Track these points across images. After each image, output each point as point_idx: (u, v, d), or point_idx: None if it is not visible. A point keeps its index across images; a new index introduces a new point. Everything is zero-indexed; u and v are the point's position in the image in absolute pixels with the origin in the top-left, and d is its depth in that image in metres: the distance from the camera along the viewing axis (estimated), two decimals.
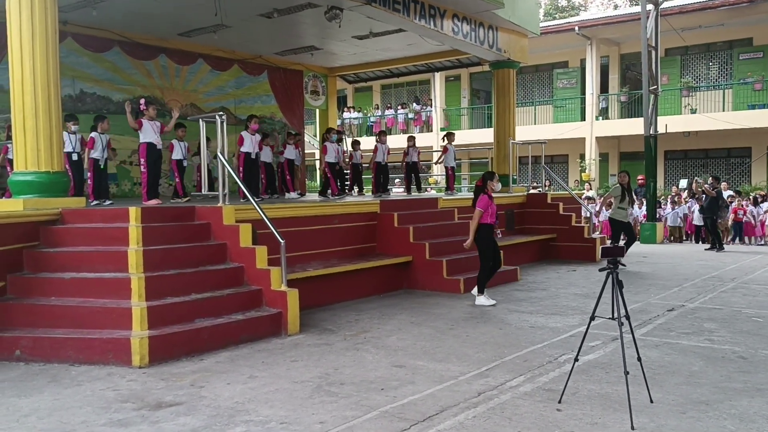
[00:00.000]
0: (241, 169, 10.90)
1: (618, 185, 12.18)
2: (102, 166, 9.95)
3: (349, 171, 14.34)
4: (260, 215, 7.56)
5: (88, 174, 9.92)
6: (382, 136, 14.15)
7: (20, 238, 6.89)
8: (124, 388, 5.27)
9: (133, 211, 7.00)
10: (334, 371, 5.64)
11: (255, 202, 7.81)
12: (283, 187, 12.97)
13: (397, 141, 24.03)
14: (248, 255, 7.36)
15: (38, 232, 7.09)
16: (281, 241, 7.22)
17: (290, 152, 13.05)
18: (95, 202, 9.64)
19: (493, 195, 8.83)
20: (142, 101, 9.67)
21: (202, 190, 9.12)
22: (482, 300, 8.60)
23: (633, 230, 12.10)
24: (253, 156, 11.08)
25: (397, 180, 22.08)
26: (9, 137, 9.01)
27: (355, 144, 14.56)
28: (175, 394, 5.11)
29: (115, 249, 6.80)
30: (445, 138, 14.97)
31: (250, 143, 10.96)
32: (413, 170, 14.61)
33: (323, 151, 12.89)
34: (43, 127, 7.33)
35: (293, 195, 12.82)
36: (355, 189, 14.15)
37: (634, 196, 13.88)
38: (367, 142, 18.65)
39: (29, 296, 6.65)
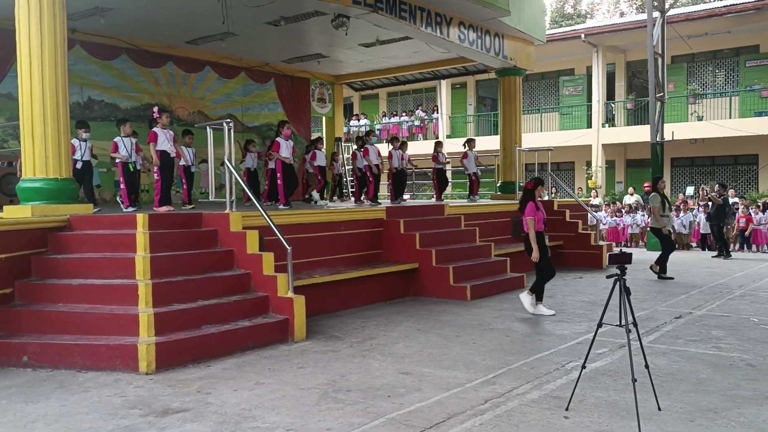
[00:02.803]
0: (279, 175, 10.81)
1: (655, 194, 11.70)
2: (132, 169, 9.85)
3: (354, 177, 14.37)
4: (267, 222, 7.57)
5: (120, 179, 9.82)
6: (395, 142, 13.97)
7: (28, 244, 6.92)
8: (131, 395, 5.28)
9: (141, 218, 7.03)
10: (341, 378, 5.63)
11: (262, 208, 7.83)
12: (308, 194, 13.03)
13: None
14: (255, 261, 7.37)
15: (46, 239, 7.12)
16: (288, 247, 7.23)
17: (321, 158, 13.23)
18: (131, 209, 9.49)
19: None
20: (155, 109, 9.64)
21: (210, 197, 9.13)
22: (542, 309, 8.35)
23: (671, 240, 11.92)
24: (291, 162, 11.03)
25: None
26: None
27: (403, 145, 14.35)
28: (182, 400, 5.11)
29: (122, 255, 6.82)
30: (466, 144, 14.87)
31: (286, 149, 10.87)
32: (442, 176, 14.49)
33: (365, 153, 12.74)
34: (52, 134, 7.37)
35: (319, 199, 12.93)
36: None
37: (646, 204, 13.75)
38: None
39: (37, 302, 6.67)
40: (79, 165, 9.67)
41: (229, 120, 8.25)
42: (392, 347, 6.73)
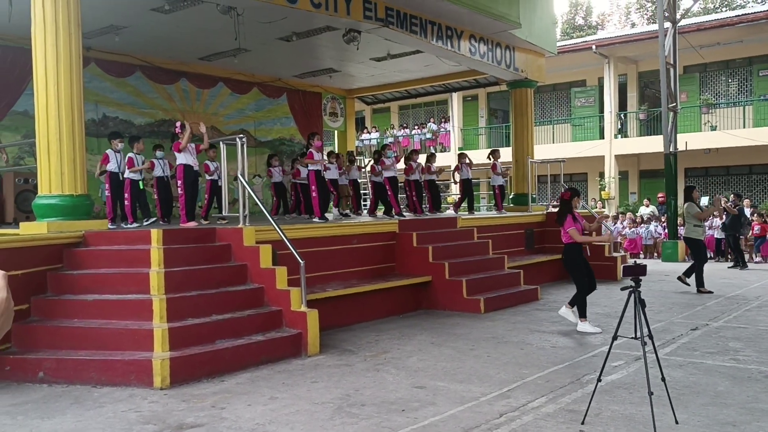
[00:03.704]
0: (313, 187, 10.88)
1: (692, 203, 11.33)
2: (141, 186, 9.97)
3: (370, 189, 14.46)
4: (280, 236, 7.59)
5: (125, 195, 9.92)
6: (413, 154, 13.90)
7: (44, 260, 6.99)
8: (145, 410, 5.29)
9: (155, 233, 7.07)
10: (355, 392, 5.62)
11: (275, 222, 7.86)
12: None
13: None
14: (268, 276, 7.40)
15: (62, 255, 7.18)
16: (301, 261, 7.25)
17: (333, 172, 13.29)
18: (134, 225, 9.63)
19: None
20: (178, 124, 9.71)
21: (223, 212, 9.17)
22: (586, 327, 7.89)
23: (706, 250, 11.66)
24: (323, 173, 11.09)
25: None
26: None
27: (431, 158, 14.37)
28: (196, 415, 5.12)
29: (137, 271, 6.86)
30: (491, 156, 14.65)
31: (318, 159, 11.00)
32: (468, 187, 14.28)
33: (382, 164, 12.80)
34: (67, 150, 7.45)
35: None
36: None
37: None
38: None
39: (52, 318, 6.72)
40: (120, 177, 9.74)
41: (242, 135, 8.32)
42: (406, 361, 6.71)
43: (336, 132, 18.68)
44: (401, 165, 13.86)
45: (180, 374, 6.01)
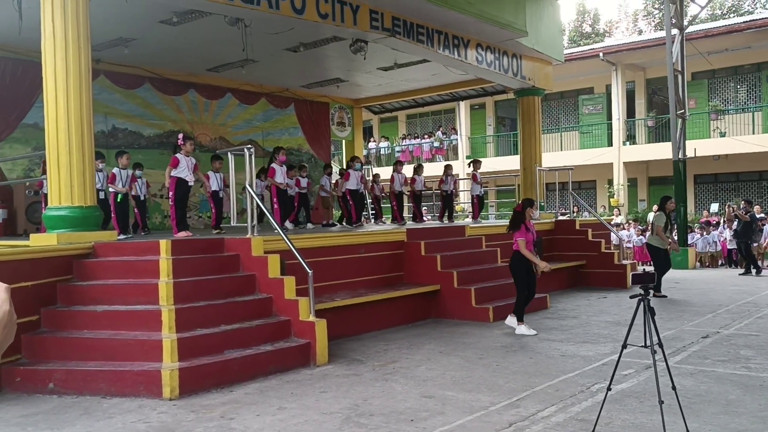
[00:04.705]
0: (275, 200, 10.99)
1: (661, 213, 11.65)
2: (119, 200, 10.04)
3: (372, 200, 14.55)
4: (288, 246, 7.61)
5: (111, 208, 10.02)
6: (398, 165, 14.27)
7: (54, 271, 7.02)
8: (154, 421, 5.30)
9: (164, 244, 7.10)
10: (363, 402, 5.61)
11: (282, 232, 7.87)
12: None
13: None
14: (277, 286, 7.40)
15: (71, 266, 7.21)
16: (309, 271, 7.25)
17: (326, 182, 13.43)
18: (122, 237, 9.74)
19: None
20: (180, 136, 9.72)
21: (232, 222, 9.21)
22: (523, 329, 8.43)
23: (668, 258, 11.81)
24: (283, 187, 11.21)
25: (424, 207, 22.10)
26: (44, 172, 9.23)
27: (419, 169, 14.59)
28: (205, 426, 5.12)
29: (146, 281, 6.89)
30: (471, 165, 14.98)
31: (281, 175, 11.08)
32: (449, 199, 14.61)
33: (345, 177, 12.99)
34: (77, 162, 7.50)
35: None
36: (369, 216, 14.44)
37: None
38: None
39: (62, 329, 6.75)
40: (101, 195, 9.75)
41: (250, 146, 8.35)
42: (415, 370, 6.69)
43: (344, 141, 18.72)
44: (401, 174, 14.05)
45: (189, 385, 6.01)
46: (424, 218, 14.51)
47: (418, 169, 14.32)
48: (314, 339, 7.04)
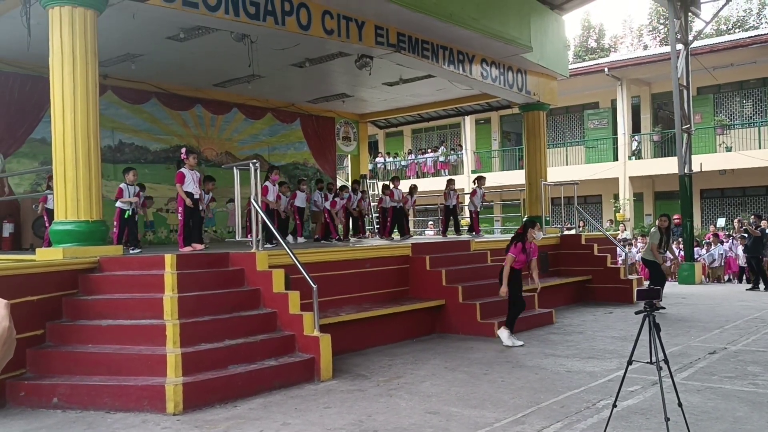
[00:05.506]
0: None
1: (656, 230, 11.85)
2: (126, 216, 9.97)
3: (379, 214, 14.60)
4: (293, 260, 7.61)
5: (114, 223, 9.96)
6: (395, 181, 14.39)
7: (60, 286, 7.03)
8: None
9: (169, 258, 7.11)
10: (368, 418, 5.58)
11: (287, 247, 7.88)
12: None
13: (428, 184, 24.14)
14: (281, 300, 7.40)
15: (77, 280, 7.22)
16: (313, 286, 7.25)
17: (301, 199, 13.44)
18: (134, 251, 9.76)
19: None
20: (183, 150, 9.78)
21: (237, 237, 9.22)
22: (511, 340, 8.65)
23: (662, 272, 11.83)
24: (272, 206, 11.31)
25: (430, 222, 22.13)
26: (49, 187, 9.27)
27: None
28: None
29: (151, 296, 6.89)
30: (476, 181, 15.07)
31: (272, 193, 11.22)
32: (452, 213, 14.72)
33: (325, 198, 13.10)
34: (83, 177, 7.54)
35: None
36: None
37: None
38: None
39: (67, 344, 6.75)
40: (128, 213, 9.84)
41: (255, 161, 8.37)
42: (419, 386, 6.66)
43: (349, 156, 18.78)
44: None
45: (193, 400, 6.00)
46: (391, 234, 14.34)
47: (394, 181, 14.41)
48: (319, 354, 7.03)
